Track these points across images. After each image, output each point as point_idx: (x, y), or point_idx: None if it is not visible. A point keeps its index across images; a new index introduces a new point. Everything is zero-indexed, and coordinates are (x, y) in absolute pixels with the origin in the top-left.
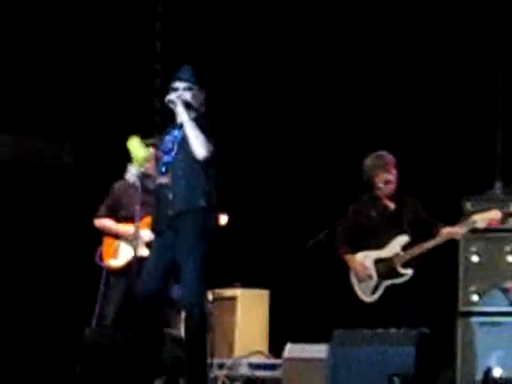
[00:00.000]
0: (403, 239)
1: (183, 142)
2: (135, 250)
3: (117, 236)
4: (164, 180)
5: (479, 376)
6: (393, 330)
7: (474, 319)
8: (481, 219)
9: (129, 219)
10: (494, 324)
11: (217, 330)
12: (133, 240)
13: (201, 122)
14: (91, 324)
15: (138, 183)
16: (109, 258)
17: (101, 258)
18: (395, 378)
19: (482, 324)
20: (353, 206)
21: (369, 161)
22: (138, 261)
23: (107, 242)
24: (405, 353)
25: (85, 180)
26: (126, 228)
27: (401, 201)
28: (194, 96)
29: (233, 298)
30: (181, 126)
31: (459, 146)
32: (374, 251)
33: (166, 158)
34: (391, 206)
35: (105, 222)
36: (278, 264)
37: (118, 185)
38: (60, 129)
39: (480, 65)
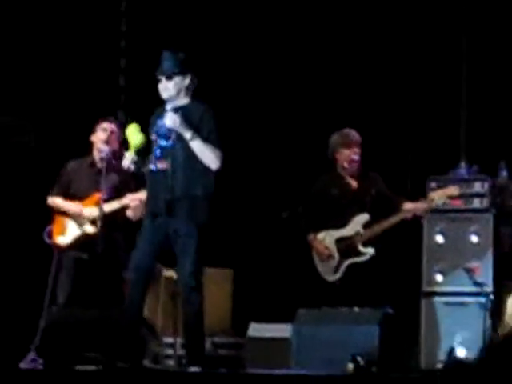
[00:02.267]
0: (363, 217)
1: None
2: (81, 226)
3: (64, 214)
4: (162, 165)
5: (443, 356)
6: (357, 310)
7: (437, 299)
8: (439, 196)
9: (78, 197)
10: (457, 304)
11: (180, 309)
12: (79, 217)
13: (205, 130)
14: (43, 304)
15: (132, 168)
16: (57, 235)
17: (50, 236)
18: (359, 358)
19: (446, 304)
20: (315, 184)
21: (334, 138)
22: (83, 238)
23: (57, 219)
24: (369, 332)
25: (46, 159)
26: (74, 205)
27: (363, 178)
28: (175, 84)
29: None
30: (176, 111)
31: (425, 125)
32: (336, 230)
33: (163, 142)
34: (353, 184)
35: (55, 200)
36: (242, 243)
37: (70, 164)
38: (23, 107)
39: (445, 45)
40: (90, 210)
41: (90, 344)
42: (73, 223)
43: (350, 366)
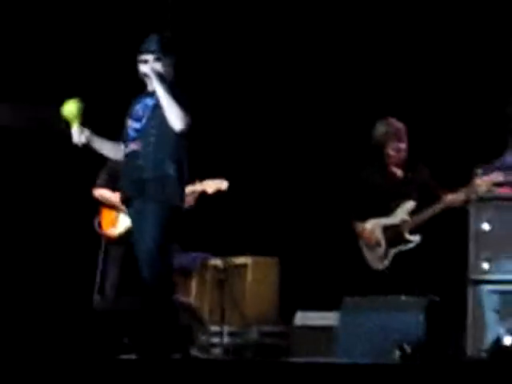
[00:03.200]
0: (410, 205)
1: (156, 109)
2: None
3: (114, 206)
4: (134, 146)
5: (489, 344)
6: (403, 297)
7: (484, 287)
8: (482, 183)
9: None
10: (504, 292)
11: (227, 298)
12: None
13: (176, 93)
14: (93, 293)
15: (83, 140)
16: (108, 227)
17: (99, 227)
18: (406, 346)
19: (493, 292)
20: (360, 173)
21: (379, 128)
22: None
23: (105, 211)
24: (415, 320)
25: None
26: None
27: (410, 168)
28: (164, 65)
29: (243, 266)
30: (152, 94)
31: (471, 114)
32: (383, 218)
33: (136, 125)
34: (399, 173)
35: (103, 193)
36: (288, 231)
37: None
38: (50, 95)
39: (492, 31)
40: None
41: (136, 333)
42: (124, 215)
43: (397, 353)
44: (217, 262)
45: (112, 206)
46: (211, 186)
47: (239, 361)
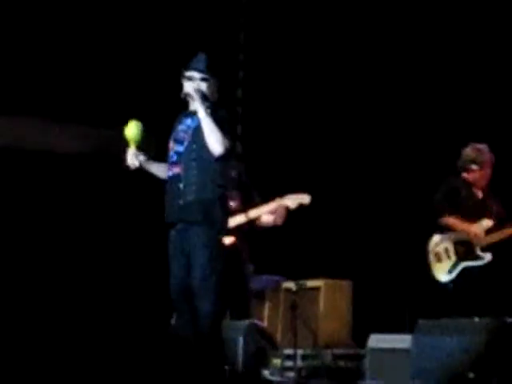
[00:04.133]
0: (487, 223)
1: (197, 131)
2: None
3: None
4: (176, 169)
5: None
6: (476, 319)
7: None
8: None
9: None
10: None
11: (300, 321)
12: None
13: (218, 116)
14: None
15: (137, 164)
16: None
17: None
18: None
19: None
20: (444, 184)
21: (469, 153)
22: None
23: None
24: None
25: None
26: None
27: (488, 194)
28: (209, 86)
29: (316, 289)
30: (194, 115)
31: None
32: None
33: (178, 148)
34: (479, 194)
35: None
36: (361, 254)
37: None
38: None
39: None
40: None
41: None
42: None
43: (471, 375)
44: (290, 284)
45: None
46: (294, 200)
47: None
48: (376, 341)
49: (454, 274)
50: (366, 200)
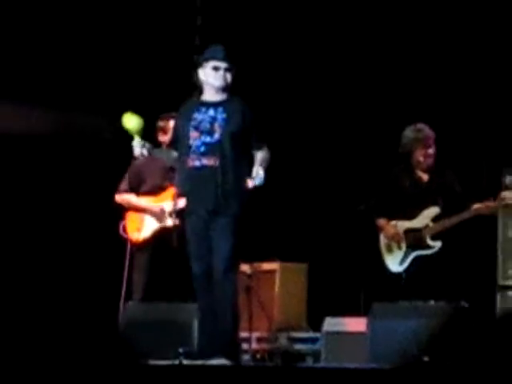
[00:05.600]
0: (434, 210)
1: (226, 123)
2: (160, 221)
3: (139, 210)
4: (209, 161)
5: None
6: (431, 303)
7: None
8: (510, 195)
9: (149, 192)
10: None
11: (255, 304)
12: (159, 212)
13: (249, 119)
14: (120, 300)
15: (145, 153)
16: (133, 231)
17: (125, 233)
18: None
19: None
20: (387, 176)
21: (408, 133)
22: (163, 231)
23: (130, 216)
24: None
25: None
26: (149, 201)
27: (437, 174)
28: (232, 77)
29: (271, 272)
30: (216, 105)
31: (499, 118)
32: (405, 221)
33: (205, 139)
34: (425, 177)
35: (127, 197)
36: (316, 237)
37: (137, 160)
38: (99, 103)
39: None
40: (168, 204)
41: (166, 340)
42: (150, 218)
43: (426, 358)
44: (245, 267)
45: (138, 210)
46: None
47: (268, 367)
48: (331, 324)
49: (405, 265)
50: (321, 182)
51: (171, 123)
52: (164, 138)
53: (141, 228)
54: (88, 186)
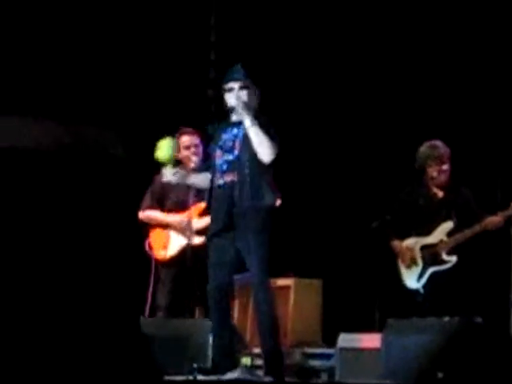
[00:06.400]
0: (448, 225)
1: (246, 140)
2: (188, 238)
3: (165, 226)
4: (228, 178)
5: None
6: (446, 319)
7: None
8: None
9: (174, 209)
10: None
11: None
12: (184, 229)
13: (263, 123)
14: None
15: (174, 180)
16: (159, 249)
17: (150, 250)
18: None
19: None
20: (402, 194)
21: (423, 150)
22: (190, 249)
23: (155, 233)
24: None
25: (135, 172)
26: (175, 218)
27: (452, 190)
28: (249, 94)
29: (286, 288)
30: (239, 124)
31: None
32: (421, 238)
33: (227, 157)
34: (440, 193)
35: (151, 214)
36: (331, 253)
37: (159, 175)
38: (109, 119)
39: None
40: (197, 222)
41: (181, 356)
42: (176, 235)
43: (440, 375)
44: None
45: (163, 227)
46: None
47: (282, 382)
48: (346, 340)
49: (423, 281)
50: (336, 199)
51: (195, 139)
52: (185, 154)
53: (167, 245)
54: (105, 204)
